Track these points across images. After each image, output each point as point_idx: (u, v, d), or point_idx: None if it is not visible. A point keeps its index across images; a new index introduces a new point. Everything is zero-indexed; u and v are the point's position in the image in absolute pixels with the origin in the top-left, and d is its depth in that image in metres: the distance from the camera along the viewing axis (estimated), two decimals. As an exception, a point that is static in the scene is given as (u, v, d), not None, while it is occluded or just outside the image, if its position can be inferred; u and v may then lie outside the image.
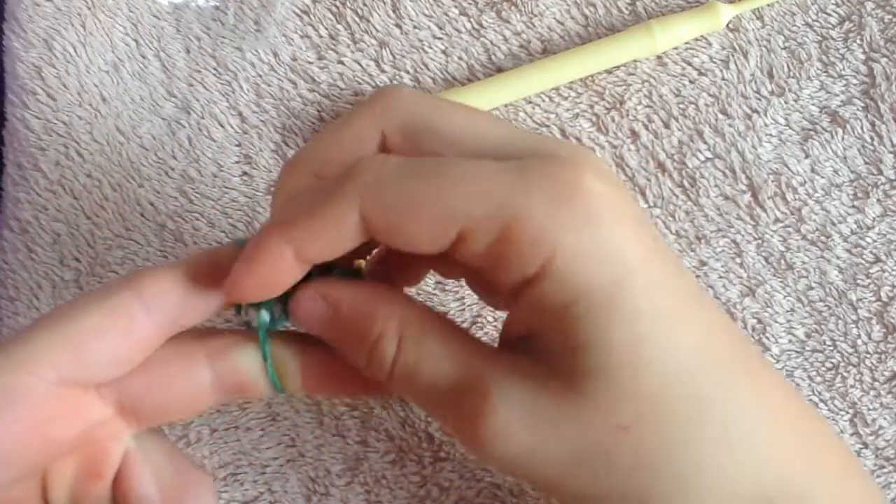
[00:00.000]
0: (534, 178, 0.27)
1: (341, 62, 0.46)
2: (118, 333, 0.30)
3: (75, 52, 0.46)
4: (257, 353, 0.32)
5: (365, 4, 0.46)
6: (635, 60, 0.45)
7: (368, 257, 0.34)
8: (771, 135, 0.45)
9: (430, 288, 0.44)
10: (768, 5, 0.45)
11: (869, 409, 0.43)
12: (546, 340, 0.29)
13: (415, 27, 0.46)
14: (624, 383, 0.27)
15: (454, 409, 0.29)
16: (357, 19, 0.46)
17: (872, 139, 0.44)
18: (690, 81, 0.45)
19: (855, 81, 0.45)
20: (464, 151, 0.29)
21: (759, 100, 0.45)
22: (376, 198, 0.28)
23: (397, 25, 0.46)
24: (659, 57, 0.45)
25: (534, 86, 0.44)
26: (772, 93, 0.45)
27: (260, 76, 0.46)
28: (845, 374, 0.43)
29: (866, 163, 0.44)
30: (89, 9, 0.46)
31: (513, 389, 0.28)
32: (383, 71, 0.46)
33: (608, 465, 0.28)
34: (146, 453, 0.32)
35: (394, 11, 0.46)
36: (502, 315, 0.43)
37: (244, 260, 0.30)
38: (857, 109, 0.45)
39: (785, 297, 0.44)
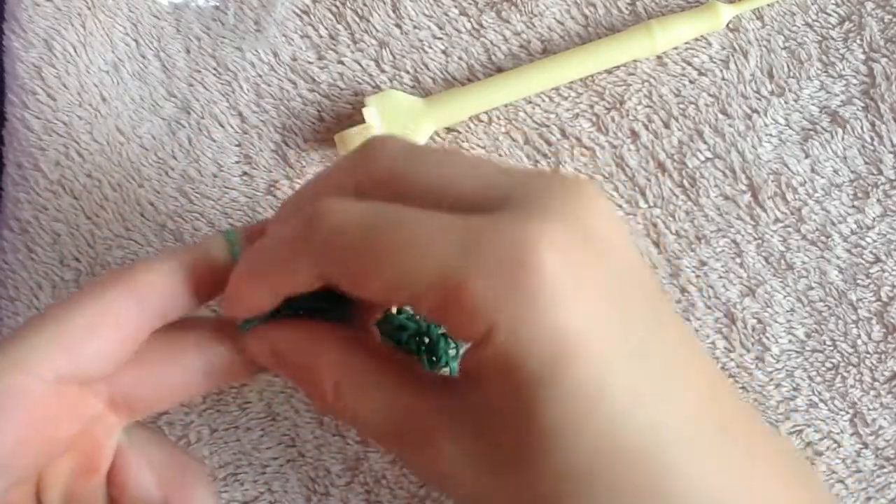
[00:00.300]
0: (481, 245, 0.26)
1: (341, 62, 0.46)
2: (111, 331, 0.30)
3: (75, 52, 0.46)
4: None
5: (365, 4, 0.46)
6: (635, 60, 0.45)
7: None
8: (771, 135, 0.45)
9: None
10: (768, 5, 0.45)
11: (869, 409, 0.43)
12: (495, 394, 0.28)
13: (415, 27, 0.46)
14: (549, 460, 0.27)
15: (398, 448, 0.30)
16: (357, 19, 0.46)
17: (872, 139, 0.44)
18: (690, 81, 0.45)
19: (855, 81, 0.45)
20: (436, 200, 0.28)
21: (759, 100, 0.45)
22: (331, 261, 0.28)
23: (397, 25, 0.45)
24: (659, 57, 0.45)
25: (534, 86, 0.44)
26: (772, 93, 0.45)
27: (260, 76, 0.46)
28: (845, 374, 0.43)
29: (866, 163, 0.44)
30: (89, 9, 0.46)
31: (456, 438, 0.28)
32: (383, 71, 0.46)
33: None
34: (139, 445, 0.33)
35: (394, 11, 0.46)
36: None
37: (227, 297, 0.31)
38: (857, 109, 0.45)
39: (785, 297, 0.44)
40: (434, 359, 0.33)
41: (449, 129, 0.45)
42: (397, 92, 0.44)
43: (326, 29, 0.46)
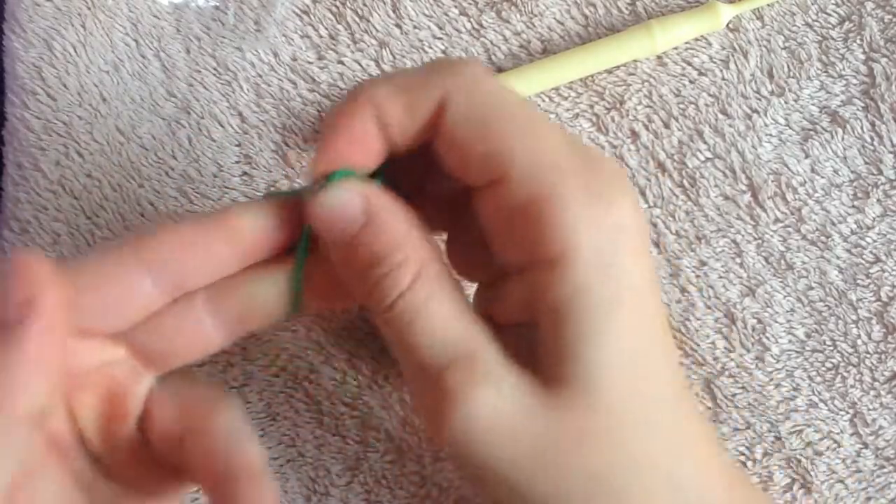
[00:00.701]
0: (583, 174, 0.28)
1: (341, 62, 0.46)
2: (118, 298, 0.30)
3: (75, 52, 0.46)
4: (262, 282, 0.31)
5: (365, 4, 0.46)
6: (635, 60, 0.45)
7: None
8: (771, 135, 0.45)
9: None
10: (768, 5, 0.45)
11: (869, 409, 0.43)
12: (538, 333, 0.29)
13: (415, 27, 0.46)
14: (602, 396, 0.28)
15: (436, 375, 0.28)
16: (357, 19, 0.46)
17: (872, 139, 0.44)
18: (690, 81, 0.45)
19: (855, 81, 0.45)
20: (513, 160, 0.29)
21: (759, 100, 0.45)
22: (461, 96, 0.29)
23: (397, 25, 0.45)
24: (659, 57, 0.45)
25: (534, 85, 0.44)
26: (772, 93, 0.45)
27: (260, 76, 0.46)
28: (845, 374, 0.43)
29: (866, 163, 0.44)
30: (89, 9, 0.46)
31: (501, 370, 0.28)
32: (383, 71, 0.46)
33: (567, 466, 0.29)
34: (172, 394, 0.31)
35: (394, 11, 0.46)
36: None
37: (328, 127, 0.30)
38: (857, 109, 0.45)
39: (785, 297, 0.44)
40: None
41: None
42: None
43: (326, 29, 0.46)
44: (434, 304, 0.29)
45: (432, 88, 0.29)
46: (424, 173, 0.32)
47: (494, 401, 0.28)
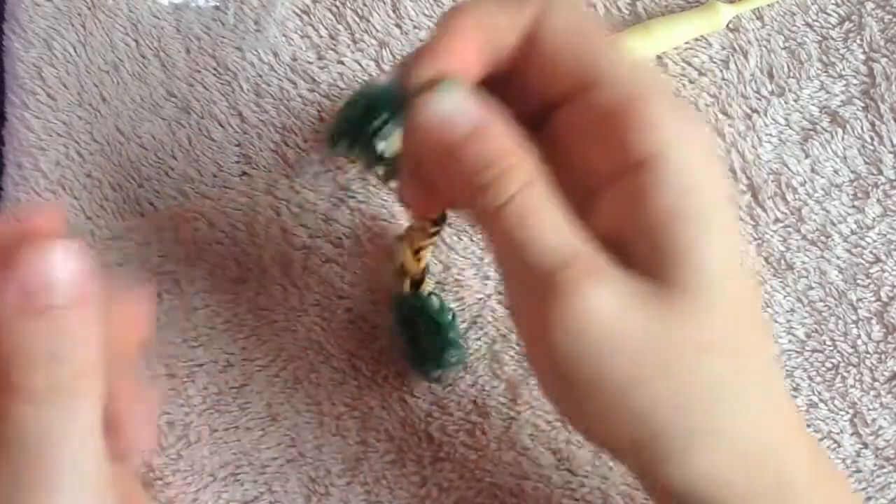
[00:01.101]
0: (667, 91, 0.30)
1: (341, 62, 0.46)
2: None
3: (75, 52, 0.46)
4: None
5: (365, 4, 0.46)
6: (635, 60, 0.45)
7: None
8: (771, 135, 0.45)
9: (430, 288, 0.44)
10: (768, 5, 0.45)
11: (869, 409, 0.43)
12: (639, 245, 0.29)
13: (415, 27, 0.46)
14: (718, 298, 0.28)
15: (548, 274, 0.28)
16: (357, 19, 0.46)
17: (872, 139, 0.44)
18: (690, 81, 0.45)
19: (855, 81, 0.45)
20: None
21: (759, 100, 0.45)
22: (556, 10, 0.30)
23: (397, 25, 0.45)
24: (659, 57, 0.45)
25: None
26: (772, 93, 0.45)
27: (260, 76, 0.46)
28: (845, 374, 0.43)
29: (866, 163, 0.44)
30: (89, 9, 0.46)
31: (617, 272, 0.28)
32: (383, 71, 0.46)
33: (688, 373, 0.28)
34: None
35: (394, 11, 0.46)
36: (502, 315, 0.43)
37: (436, 36, 0.31)
38: (857, 109, 0.45)
39: (785, 297, 0.44)
40: (431, 357, 0.33)
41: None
42: None
43: (326, 29, 0.46)
44: (546, 207, 0.28)
45: (529, 4, 0.30)
46: (503, 98, 0.31)
47: (610, 300, 0.27)
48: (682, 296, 0.28)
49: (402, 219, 0.43)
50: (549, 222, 0.28)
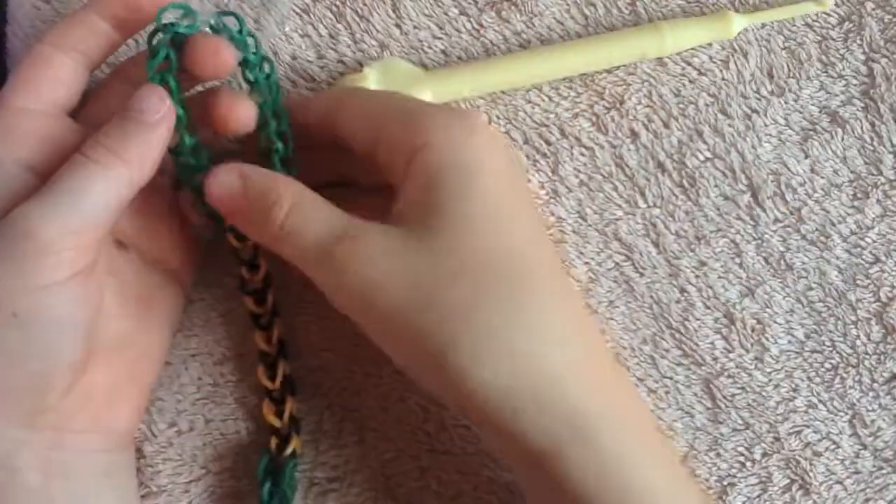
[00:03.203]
0: (447, 111, 0.39)
1: (342, 61, 0.46)
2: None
3: (75, 51, 0.46)
4: None
5: (365, 4, 0.46)
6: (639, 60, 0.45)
7: None
8: (771, 135, 0.45)
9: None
10: (767, 4, 0.45)
11: (868, 411, 0.43)
12: (409, 211, 0.37)
13: (415, 27, 0.45)
14: (460, 239, 0.36)
15: (328, 254, 0.36)
16: (357, 19, 0.46)
17: (872, 139, 0.44)
18: (690, 81, 0.45)
19: (855, 81, 0.45)
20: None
21: (759, 100, 0.45)
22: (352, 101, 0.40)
23: (397, 25, 0.45)
24: (658, 56, 0.45)
25: (538, 71, 0.44)
26: (772, 93, 0.45)
27: (260, 75, 0.46)
28: (844, 375, 0.43)
29: (866, 163, 0.44)
30: (90, 8, 0.46)
31: (378, 234, 0.36)
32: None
33: (445, 296, 0.35)
34: None
35: (394, 11, 0.46)
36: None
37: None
38: (857, 109, 0.45)
39: (784, 297, 0.44)
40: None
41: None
42: (398, 59, 0.44)
43: (326, 28, 0.46)
44: (316, 209, 0.37)
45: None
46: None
47: (374, 250, 0.36)
48: (432, 240, 0.36)
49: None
50: (321, 219, 0.37)
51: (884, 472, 0.43)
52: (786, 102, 0.45)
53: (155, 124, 0.37)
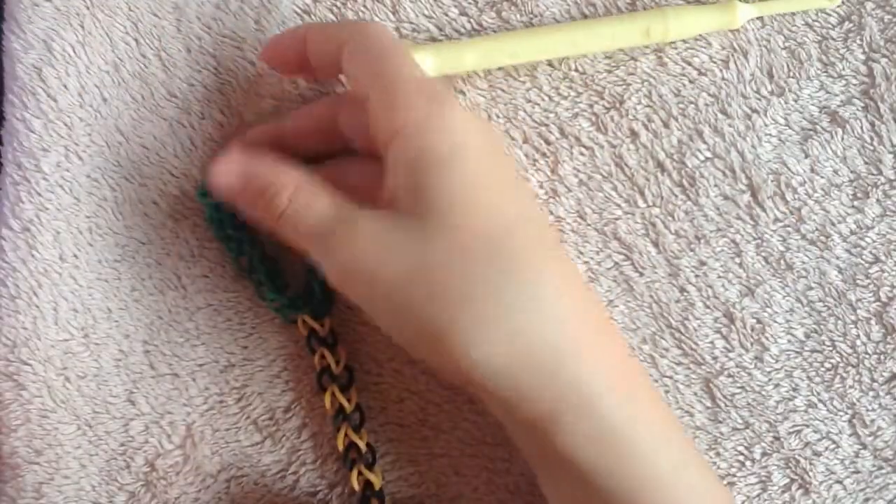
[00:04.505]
0: (416, 90, 0.38)
1: (341, 61, 0.46)
2: None
3: (74, 52, 0.45)
4: None
5: (365, 6, 0.46)
6: (634, 59, 0.45)
7: None
8: (771, 135, 0.45)
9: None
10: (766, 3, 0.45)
11: (868, 410, 0.43)
12: (399, 194, 0.37)
13: (414, 30, 0.45)
14: (447, 223, 0.36)
15: (328, 239, 0.37)
16: (357, 20, 0.46)
17: (872, 139, 0.44)
18: (690, 81, 0.45)
19: (855, 81, 0.45)
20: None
21: (759, 100, 0.45)
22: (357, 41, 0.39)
23: (397, 28, 0.45)
24: (659, 56, 0.45)
25: (541, 47, 0.44)
26: (772, 93, 0.45)
27: (260, 76, 0.46)
28: (844, 375, 0.43)
29: (866, 163, 0.44)
30: (88, 8, 0.46)
31: (373, 221, 0.37)
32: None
33: (440, 274, 0.35)
34: None
35: (393, 14, 0.45)
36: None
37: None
38: (857, 109, 0.45)
39: (784, 297, 0.44)
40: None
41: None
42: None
43: (326, 28, 0.46)
44: (317, 196, 0.38)
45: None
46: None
47: (370, 234, 0.36)
48: (422, 223, 0.36)
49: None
50: (319, 206, 0.38)
51: (883, 471, 0.43)
52: (786, 102, 0.45)
53: None
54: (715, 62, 0.45)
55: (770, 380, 0.44)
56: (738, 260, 0.44)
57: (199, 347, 0.45)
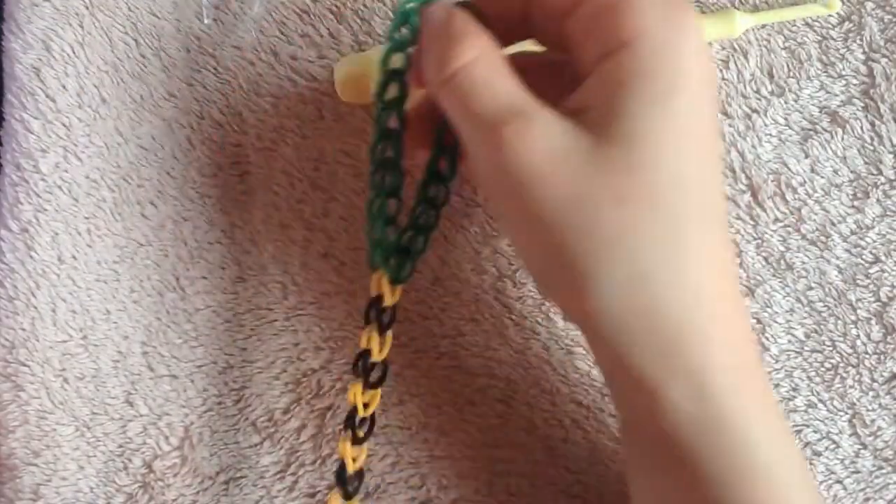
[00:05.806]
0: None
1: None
2: None
3: (73, 52, 0.45)
4: None
5: (365, 6, 0.45)
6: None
7: None
8: (771, 135, 0.45)
9: (427, 283, 0.44)
10: (766, 3, 0.45)
11: (868, 410, 0.43)
12: (591, 111, 0.33)
13: (414, 27, 0.45)
14: (638, 161, 0.32)
15: (498, 130, 0.33)
16: (358, 21, 0.46)
17: (872, 139, 0.44)
18: (690, 81, 0.45)
19: (855, 81, 0.45)
20: None
21: (759, 100, 0.45)
22: None
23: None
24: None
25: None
26: (772, 93, 0.45)
27: (260, 75, 0.46)
28: (844, 375, 0.43)
29: (866, 163, 0.44)
30: (87, 8, 0.46)
31: (556, 126, 0.33)
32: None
33: (605, 210, 0.32)
34: None
35: (393, 13, 0.45)
36: (500, 311, 0.43)
37: None
38: (857, 109, 0.45)
39: (784, 297, 0.44)
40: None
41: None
42: None
43: (327, 28, 0.46)
44: (495, 76, 0.34)
45: None
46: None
47: (548, 140, 0.33)
48: (611, 149, 0.32)
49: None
50: (498, 88, 0.34)
51: (883, 471, 0.43)
52: (786, 102, 0.45)
53: None
54: (715, 62, 0.45)
55: (770, 380, 0.43)
56: (738, 260, 0.44)
57: (197, 349, 0.45)
